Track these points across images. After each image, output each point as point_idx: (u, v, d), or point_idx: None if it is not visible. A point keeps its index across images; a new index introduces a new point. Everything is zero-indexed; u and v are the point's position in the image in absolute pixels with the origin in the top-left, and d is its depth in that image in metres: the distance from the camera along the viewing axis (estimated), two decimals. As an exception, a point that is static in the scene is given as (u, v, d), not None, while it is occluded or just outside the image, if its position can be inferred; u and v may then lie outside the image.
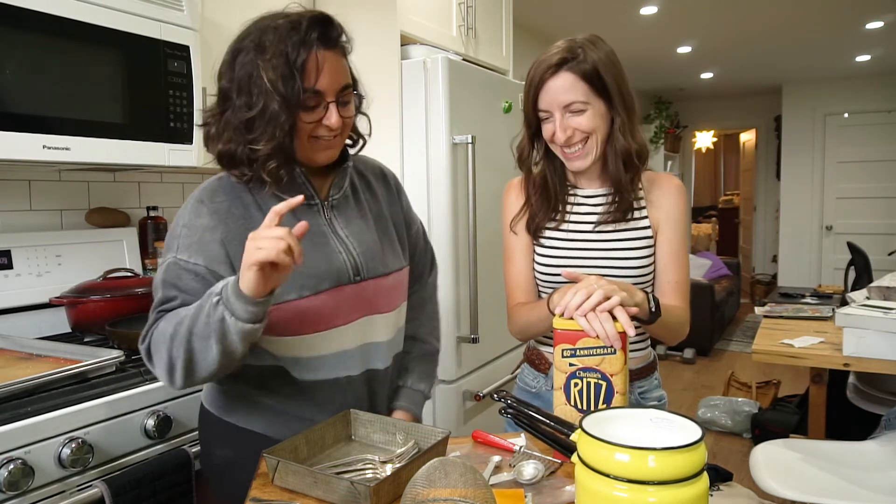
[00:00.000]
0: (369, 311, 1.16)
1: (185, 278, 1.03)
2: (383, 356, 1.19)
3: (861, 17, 4.44)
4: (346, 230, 1.15)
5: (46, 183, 1.76)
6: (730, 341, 5.84)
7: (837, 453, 1.87)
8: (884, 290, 2.46)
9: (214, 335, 0.94)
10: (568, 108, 1.17)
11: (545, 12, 4.14)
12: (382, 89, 2.16)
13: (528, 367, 1.37)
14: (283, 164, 1.04)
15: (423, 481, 0.78)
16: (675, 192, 1.26)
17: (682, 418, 0.74)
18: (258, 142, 1.02)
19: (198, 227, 1.04)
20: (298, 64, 1.00)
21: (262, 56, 1.00)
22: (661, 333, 1.26)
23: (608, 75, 1.17)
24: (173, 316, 1.00)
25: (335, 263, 1.11)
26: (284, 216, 0.99)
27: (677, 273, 1.26)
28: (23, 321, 1.64)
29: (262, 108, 1.00)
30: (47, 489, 1.13)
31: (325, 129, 1.06)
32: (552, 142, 1.23)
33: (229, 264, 1.04)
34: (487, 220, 2.23)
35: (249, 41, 1.03)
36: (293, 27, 1.02)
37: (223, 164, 1.09)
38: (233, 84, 1.03)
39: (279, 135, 1.01)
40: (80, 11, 1.41)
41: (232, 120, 1.04)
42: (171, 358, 0.98)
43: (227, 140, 1.05)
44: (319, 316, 1.08)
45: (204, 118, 1.09)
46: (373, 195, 1.25)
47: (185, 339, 0.96)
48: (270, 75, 0.99)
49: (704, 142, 8.94)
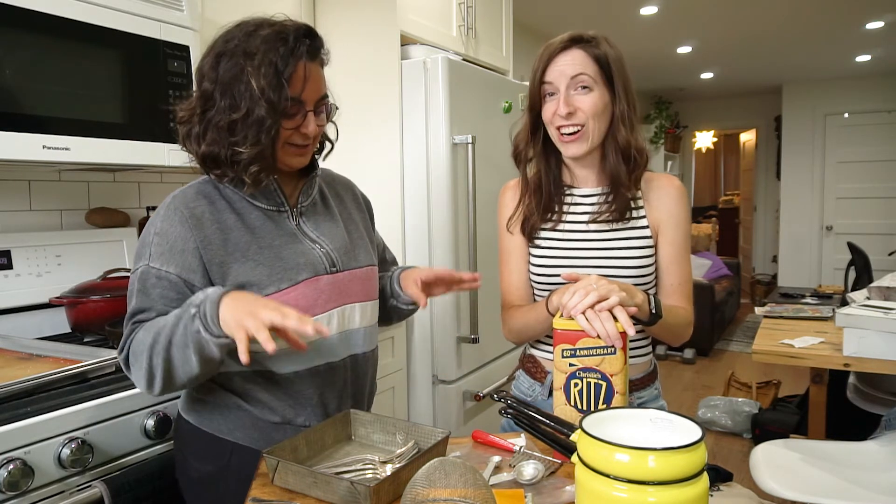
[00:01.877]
0: (346, 300, 1.18)
1: (158, 287, 1.04)
2: (363, 341, 1.22)
3: (861, 17, 4.44)
4: (316, 232, 1.18)
5: (46, 183, 1.76)
6: (730, 341, 5.84)
7: (837, 453, 1.87)
8: (884, 290, 2.46)
9: (192, 346, 0.96)
10: (574, 80, 1.18)
11: (545, 12, 4.14)
12: (382, 89, 2.16)
13: (523, 374, 1.36)
14: (264, 168, 1.07)
15: (423, 481, 0.78)
16: (676, 193, 1.25)
17: (682, 418, 0.74)
18: (241, 144, 1.04)
19: (170, 235, 1.05)
20: (287, 74, 1.03)
21: (250, 62, 1.02)
22: (664, 335, 1.25)
23: (616, 67, 1.19)
24: (151, 326, 1.02)
25: (311, 256, 1.13)
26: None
27: (680, 275, 1.25)
28: (23, 321, 1.64)
29: (247, 111, 1.02)
30: (47, 489, 1.13)
31: (301, 137, 1.10)
32: (551, 123, 1.21)
33: (203, 272, 1.05)
34: (487, 220, 2.23)
35: (234, 45, 1.04)
36: (281, 37, 1.04)
37: (205, 165, 1.10)
38: (216, 86, 1.04)
39: (264, 140, 1.04)
40: (80, 11, 1.41)
41: (215, 121, 1.05)
42: (151, 367, 1.00)
43: (211, 141, 1.06)
44: (298, 307, 1.08)
45: (181, 117, 1.09)
46: (342, 204, 1.28)
47: (164, 349, 0.98)
48: (260, 82, 1.01)
49: (704, 142, 8.93)
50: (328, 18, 2.22)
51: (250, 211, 1.11)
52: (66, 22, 1.39)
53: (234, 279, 1.06)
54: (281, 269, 1.09)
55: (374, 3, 2.15)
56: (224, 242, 1.07)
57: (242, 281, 1.06)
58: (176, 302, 1.04)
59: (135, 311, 1.05)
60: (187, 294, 1.04)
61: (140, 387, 1.05)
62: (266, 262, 1.08)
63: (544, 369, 1.30)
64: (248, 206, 1.12)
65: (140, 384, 1.04)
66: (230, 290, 0.99)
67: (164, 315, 1.03)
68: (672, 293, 1.25)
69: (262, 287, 1.07)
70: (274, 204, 1.14)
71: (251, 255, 1.08)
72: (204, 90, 1.06)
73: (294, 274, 1.10)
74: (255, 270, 1.07)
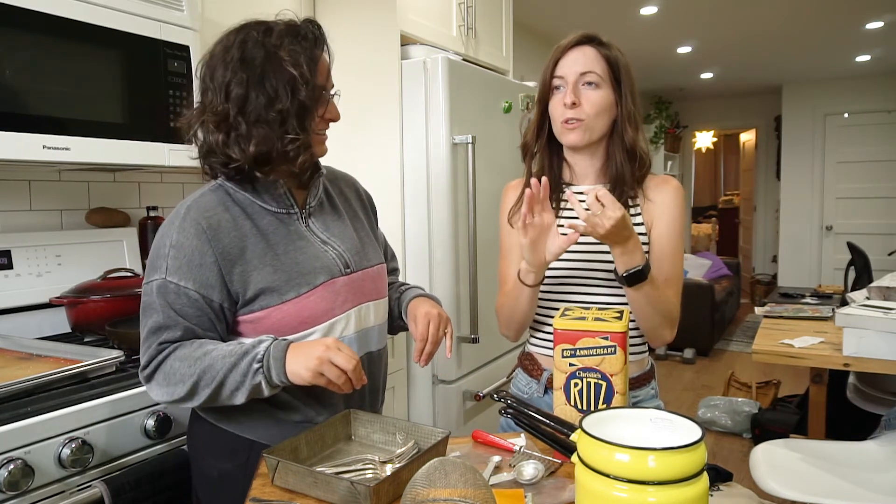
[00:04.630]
0: (362, 299, 1.19)
1: (178, 303, 1.04)
2: (377, 338, 1.24)
3: (861, 17, 4.44)
4: (326, 233, 1.19)
5: (46, 183, 1.76)
6: (730, 341, 5.83)
7: (837, 453, 1.87)
8: (884, 290, 2.46)
9: (247, 391, 1.02)
10: (583, 76, 1.22)
11: (545, 12, 4.14)
12: (382, 89, 2.16)
13: (521, 372, 1.37)
14: (308, 158, 1.10)
15: (423, 481, 0.78)
16: (670, 191, 1.27)
17: (682, 418, 0.74)
18: (291, 133, 1.05)
19: (186, 249, 1.04)
20: (313, 64, 1.07)
21: (279, 53, 1.04)
22: (649, 318, 1.20)
23: (623, 69, 1.24)
24: (190, 358, 1.03)
25: (325, 260, 1.14)
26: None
27: (670, 270, 1.25)
28: (23, 321, 1.64)
29: (291, 100, 1.04)
30: (47, 489, 1.13)
31: (325, 124, 1.14)
32: (556, 116, 1.25)
33: (221, 286, 1.05)
34: (487, 220, 2.23)
35: (253, 44, 1.05)
36: (294, 30, 1.07)
37: (256, 164, 1.07)
38: (250, 85, 1.04)
39: (309, 125, 1.08)
40: (80, 11, 1.41)
41: (263, 117, 1.04)
42: (191, 396, 1.04)
43: (262, 138, 1.04)
44: (318, 310, 1.11)
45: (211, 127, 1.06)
46: (346, 201, 1.29)
47: (211, 388, 1.02)
48: (296, 70, 1.04)
49: (704, 142, 8.94)
50: (328, 18, 2.22)
51: (262, 215, 1.12)
52: (66, 22, 1.39)
53: (255, 286, 1.07)
54: (298, 274, 1.10)
55: (374, 3, 2.15)
56: (242, 251, 1.07)
57: (263, 287, 1.07)
58: (196, 319, 1.05)
59: (158, 326, 1.05)
60: (206, 311, 1.05)
61: (162, 402, 1.09)
62: (283, 268, 1.09)
63: (541, 366, 1.31)
64: (259, 211, 1.12)
65: (165, 400, 1.07)
66: (287, 343, 1.03)
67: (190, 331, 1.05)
68: (661, 286, 1.24)
69: (282, 293, 1.08)
70: (283, 206, 1.14)
71: (269, 261, 1.08)
72: (236, 95, 1.04)
73: (312, 278, 1.11)
74: (274, 276, 1.08)
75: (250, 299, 1.07)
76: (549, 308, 1.30)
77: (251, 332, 1.10)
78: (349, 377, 1.01)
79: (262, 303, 1.07)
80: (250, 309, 1.08)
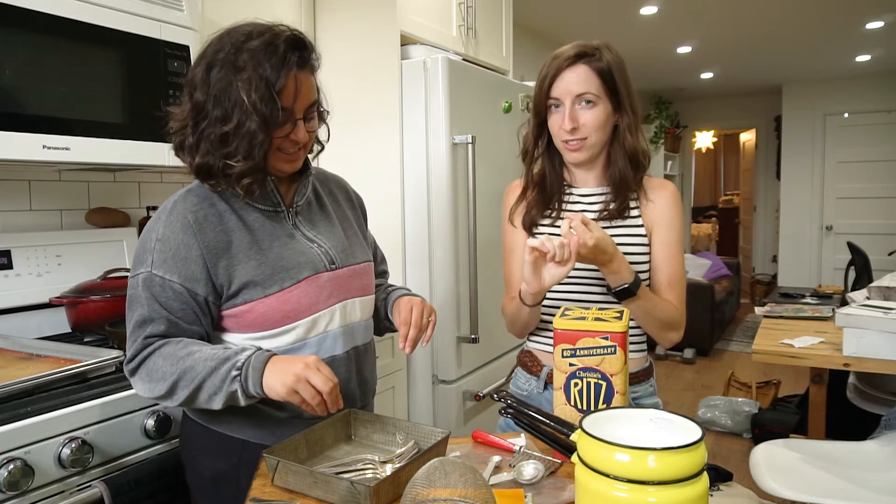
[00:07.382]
0: (347, 295, 1.20)
1: (163, 296, 1.05)
2: (363, 333, 1.24)
3: (861, 17, 4.44)
4: (313, 231, 1.19)
5: (46, 183, 1.76)
6: (730, 341, 5.83)
7: (837, 453, 1.87)
8: (884, 290, 2.46)
9: (223, 397, 1.02)
10: (580, 97, 1.22)
11: (545, 12, 4.14)
12: (382, 89, 2.16)
13: (520, 370, 1.39)
14: (256, 179, 1.07)
15: (423, 481, 0.78)
16: (668, 196, 1.29)
17: (682, 418, 0.74)
18: (234, 157, 1.04)
19: (172, 242, 1.05)
20: (278, 87, 1.02)
21: (240, 75, 1.01)
22: (649, 325, 1.25)
23: (619, 77, 1.24)
24: (173, 357, 1.03)
25: (310, 255, 1.15)
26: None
27: (670, 273, 1.27)
28: (23, 321, 1.64)
29: (238, 124, 1.02)
30: (47, 489, 1.13)
31: (291, 144, 1.10)
32: (557, 135, 1.27)
33: (206, 279, 1.06)
34: (487, 220, 2.23)
35: (224, 57, 1.03)
36: (270, 48, 1.02)
37: (199, 176, 1.10)
38: (208, 97, 1.04)
39: (257, 154, 1.04)
40: (80, 11, 1.41)
41: (207, 133, 1.04)
42: (171, 395, 1.04)
43: (205, 153, 1.06)
44: (301, 304, 1.11)
45: (174, 128, 1.09)
46: (336, 202, 1.30)
47: (190, 389, 1.02)
48: (252, 97, 1.00)
49: (704, 142, 8.94)
50: (328, 18, 2.22)
51: (249, 212, 1.12)
52: (66, 22, 1.39)
53: (239, 279, 1.07)
54: (282, 269, 1.10)
55: (374, 3, 2.15)
56: (228, 245, 1.08)
57: (247, 280, 1.07)
58: (181, 312, 1.05)
59: (143, 319, 1.05)
60: (191, 304, 1.05)
61: (146, 397, 1.08)
62: (268, 262, 1.09)
63: (540, 362, 1.33)
64: (246, 208, 1.12)
65: (147, 396, 1.07)
66: (269, 355, 1.02)
67: (174, 325, 1.05)
68: (663, 291, 1.27)
69: (266, 286, 1.08)
70: (271, 204, 1.14)
71: (253, 255, 1.09)
72: (196, 101, 1.05)
73: (296, 273, 1.11)
74: (258, 270, 1.08)
75: (234, 293, 1.07)
76: (550, 307, 1.30)
77: (235, 326, 1.10)
78: (324, 399, 0.99)
79: (246, 296, 1.08)
80: (234, 303, 1.08)
